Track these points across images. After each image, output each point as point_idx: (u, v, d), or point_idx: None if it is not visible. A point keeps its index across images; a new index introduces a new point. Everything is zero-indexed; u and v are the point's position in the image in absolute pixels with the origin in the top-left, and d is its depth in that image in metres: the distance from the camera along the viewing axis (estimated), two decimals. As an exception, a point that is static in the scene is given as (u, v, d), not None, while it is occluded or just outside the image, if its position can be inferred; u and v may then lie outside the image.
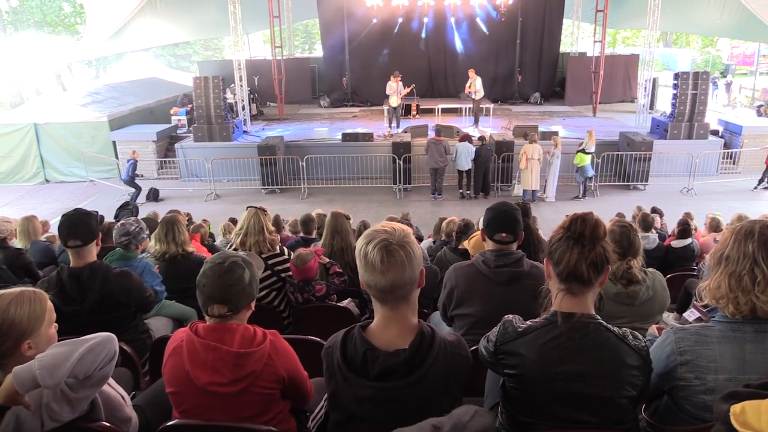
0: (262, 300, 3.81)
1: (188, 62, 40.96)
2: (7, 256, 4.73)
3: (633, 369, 1.80)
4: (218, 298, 2.04)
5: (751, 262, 1.80)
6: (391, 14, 20.21)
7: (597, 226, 1.81)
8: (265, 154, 13.76)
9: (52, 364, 1.74)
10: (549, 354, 1.82)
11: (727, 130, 15.70)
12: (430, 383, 1.71)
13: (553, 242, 1.87)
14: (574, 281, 1.81)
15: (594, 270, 1.79)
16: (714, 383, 1.80)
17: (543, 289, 2.01)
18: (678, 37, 42.66)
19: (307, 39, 45.17)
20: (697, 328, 1.91)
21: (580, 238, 1.79)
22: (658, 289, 2.80)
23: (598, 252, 1.78)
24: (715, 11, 17.16)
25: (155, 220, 5.94)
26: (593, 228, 1.80)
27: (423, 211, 12.34)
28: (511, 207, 2.88)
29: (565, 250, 1.81)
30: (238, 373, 1.98)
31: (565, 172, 13.43)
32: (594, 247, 1.78)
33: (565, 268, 1.81)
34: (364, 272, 1.70)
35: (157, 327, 3.67)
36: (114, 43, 17.76)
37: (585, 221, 1.81)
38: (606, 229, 1.83)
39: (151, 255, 4.34)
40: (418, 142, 14.36)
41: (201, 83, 15.06)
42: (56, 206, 13.16)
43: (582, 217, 1.83)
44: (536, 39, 20.96)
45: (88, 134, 15.69)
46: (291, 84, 20.45)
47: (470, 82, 15.87)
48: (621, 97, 21.56)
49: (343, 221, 4.71)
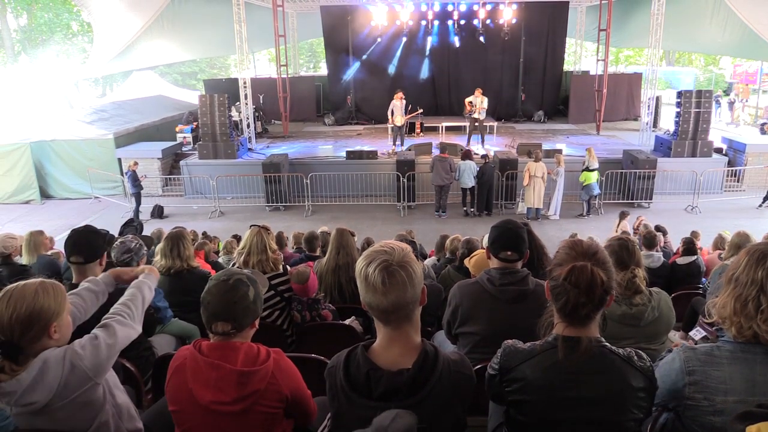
0: (265, 320, 3.78)
1: (194, 80, 41.34)
2: (12, 273, 4.74)
3: (639, 391, 1.79)
4: (222, 316, 2.03)
5: (758, 288, 1.78)
6: (395, 33, 20.45)
7: (593, 276, 1.77)
8: (270, 172, 13.80)
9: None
10: (554, 379, 1.80)
11: (731, 147, 15.71)
12: (434, 403, 1.69)
13: (553, 279, 1.85)
14: (575, 318, 1.82)
15: (595, 310, 1.80)
16: (723, 405, 1.78)
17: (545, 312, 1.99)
18: (680, 56, 42.89)
19: (312, 57, 45.66)
20: (707, 349, 1.88)
21: (576, 287, 1.78)
22: (663, 309, 2.77)
23: (597, 295, 1.77)
24: (717, 30, 17.25)
25: (152, 237, 5.94)
26: (589, 281, 1.77)
27: (427, 229, 12.31)
28: (516, 225, 2.87)
29: (563, 293, 1.81)
30: (241, 391, 1.97)
31: (570, 189, 13.42)
32: (592, 295, 1.77)
33: (563, 307, 1.82)
34: (365, 293, 1.69)
35: (160, 344, 3.66)
36: (121, 61, 17.94)
37: (582, 273, 1.78)
38: (603, 279, 1.78)
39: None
40: (423, 159, 14.40)
41: (206, 101, 15.19)
42: (61, 223, 13.18)
43: (579, 269, 1.79)
44: (540, 58, 21.08)
45: (94, 151, 15.78)
46: (296, 102, 20.64)
47: (477, 101, 15.76)
48: (624, 115, 21.63)
49: (348, 237, 4.71)
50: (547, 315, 1.96)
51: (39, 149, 15.40)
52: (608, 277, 1.80)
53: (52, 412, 1.96)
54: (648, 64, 17.36)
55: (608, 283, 1.79)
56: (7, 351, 1.90)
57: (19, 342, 1.92)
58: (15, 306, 1.93)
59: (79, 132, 16.17)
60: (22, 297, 1.95)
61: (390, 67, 21.22)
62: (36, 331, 1.96)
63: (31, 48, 32.88)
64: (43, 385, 1.92)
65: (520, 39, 20.35)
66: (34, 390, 1.91)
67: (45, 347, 1.98)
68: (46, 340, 1.99)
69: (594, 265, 1.79)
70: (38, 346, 1.97)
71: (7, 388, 1.88)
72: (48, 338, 1.99)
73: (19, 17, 33.65)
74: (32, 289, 1.98)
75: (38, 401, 1.92)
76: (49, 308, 1.99)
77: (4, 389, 1.88)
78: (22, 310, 1.92)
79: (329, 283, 4.52)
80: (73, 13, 32.90)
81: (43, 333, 1.98)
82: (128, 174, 13.27)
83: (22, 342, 1.93)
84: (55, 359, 1.96)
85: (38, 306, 1.96)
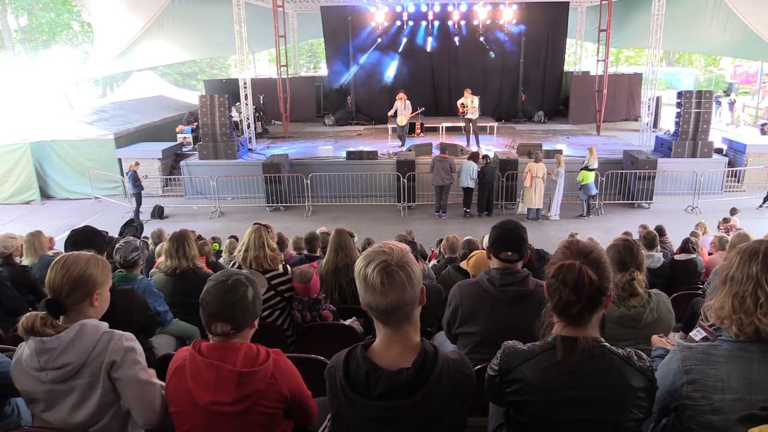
0: (266, 320, 3.77)
1: (194, 81, 41.34)
2: (12, 273, 4.74)
3: (639, 391, 1.79)
4: (221, 316, 2.03)
5: (754, 283, 1.79)
6: (395, 33, 20.47)
7: (581, 274, 1.78)
8: (270, 172, 13.82)
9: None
10: (553, 379, 1.81)
11: (731, 148, 15.71)
12: (433, 402, 1.70)
13: (548, 276, 1.87)
14: (567, 317, 1.82)
15: (588, 310, 1.80)
16: (721, 403, 1.78)
17: (543, 313, 2.00)
18: (681, 56, 42.89)
19: (312, 58, 45.65)
20: (704, 347, 1.88)
21: (564, 285, 1.78)
22: (662, 310, 2.77)
23: (585, 294, 1.77)
24: (717, 30, 17.25)
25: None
26: (576, 279, 1.78)
27: (427, 229, 12.32)
28: (517, 225, 2.87)
29: (555, 291, 1.82)
30: (241, 392, 1.97)
31: (570, 190, 13.42)
32: (580, 294, 1.77)
33: (556, 306, 1.83)
34: (364, 294, 1.70)
35: (160, 345, 3.66)
36: (121, 61, 17.96)
37: (570, 271, 1.79)
38: (593, 277, 1.78)
39: (161, 271, 4.34)
40: (423, 160, 14.41)
41: (207, 101, 15.20)
42: (61, 223, 13.19)
43: (567, 267, 1.80)
44: (540, 58, 21.09)
45: (94, 152, 15.79)
46: (296, 102, 20.63)
47: (468, 101, 15.74)
48: (624, 115, 21.62)
49: (347, 238, 4.71)
50: (546, 315, 1.96)
51: (39, 149, 15.41)
52: (600, 277, 1.80)
53: (79, 387, 2.13)
54: (648, 65, 17.35)
55: (600, 283, 1.79)
56: (53, 308, 2.15)
57: (64, 301, 2.17)
58: (68, 269, 2.19)
59: (79, 132, 16.18)
60: (75, 263, 2.23)
61: (390, 67, 21.21)
62: (81, 294, 2.21)
63: (32, 48, 32.89)
64: (80, 347, 2.11)
65: (520, 39, 20.36)
66: (71, 351, 2.10)
67: (85, 314, 2.23)
68: (87, 307, 2.24)
69: (585, 264, 1.80)
70: (80, 310, 2.22)
71: (49, 344, 2.09)
72: (89, 305, 2.24)
73: (19, 17, 33.66)
74: (85, 258, 2.27)
75: (72, 363, 2.10)
76: (96, 277, 2.25)
77: (46, 345, 2.09)
78: (74, 273, 2.19)
79: (330, 285, 4.52)
80: (74, 14, 32.93)
81: (86, 298, 2.23)
82: (129, 174, 13.29)
83: (67, 302, 2.18)
84: (92, 327, 2.17)
85: (88, 272, 2.22)
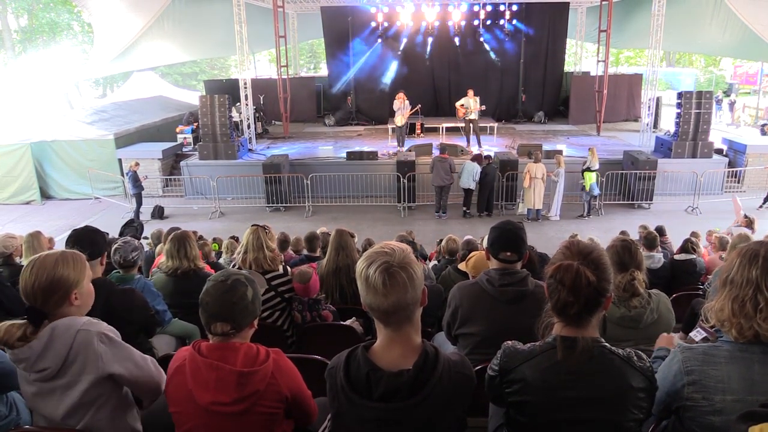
0: (266, 320, 3.77)
1: (194, 81, 41.32)
2: (12, 274, 4.74)
3: (639, 391, 1.79)
4: (221, 316, 2.03)
5: (754, 288, 1.78)
6: (395, 34, 20.47)
7: (578, 274, 1.78)
8: (270, 173, 13.82)
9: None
10: (553, 379, 1.80)
11: (731, 148, 15.70)
12: (434, 404, 1.69)
13: (547, 276, 1.87)
14: (566, 317, 1.82)
15: (586, 311, 1.80)
16: (722, 404, 1.78)
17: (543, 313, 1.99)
18: (681, 57, 42.89)
19: (313, 58, 45.65)
20: (705, 348, 1.88)
21: (562, 285, 1.78)
22: (662, 311, 2.77)
23: (583, 295, 1.77)
24: (717, 31, 17.26)
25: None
26: (573, 279, 1.78)
27: (427, 230, 12.32)
28: (516, 226, 2.87)
29: (554, 291, 1.82)
30: (241, 392, 1.97)
31: (570, 190, 13.42)
32: (578, 294, 1.77)
33: (555, 306, 1.83)
34: (366, 295, 1.70)
35: (160, 345, 3.65)
36: (121, 62, 17.95)
37: (567, 272, 1.79)
38: (590, 278, 1.78)
39: (162, 271, 4.34)
40: (423, 160, 14.41)
41: (207, 102, 15.20)
42: (61, 223, 13.19)
43: (565, 267, 1.80)
44: (540, 58, 21.06)
45: (94, 152, 15.79)
46: (296, 103, 20.62)
47: (470, 102, 15.75)
48: (624, 116, 21.60)
49: (348, 238, 4.70)
50: (546, 315, 1.96)
51: (39, 150, 15.41)
52: (599, 278, 1.79)
53: (61, 387, 2.10)
54: (648, 65, 17.35)
55: (598, 284, 1.79)
56: (32, 316, 2.09)
57: (42, 308, 2.10)
58: (37, 275, 2.10)
59: (79, 132, 16.19)
60: (43, 267, 2.12)
61: (390, 67, 21.20)
62: (57, 297, 2.12)
63: (32, 48, 32.88)
64: (53, 352, 2.06)
65: (520, 40, 20.35)
66: (46, 357, 2.06)
67: (67, 314, 2.15)
68: (68, 307, 2.16)
69: (584, 265, 1.79)
70: (61, 313, 2.14)
71: (21, 355, 2.05)
72: (69, 305, 2.16)
73: (19, 17, 33.66)
74: (53, 260, 2.15)
75: (50, 367, 2.06)
76: (69, 277, 2.15)
77: (18, 356, 2.06)
78: (43, 279, 2.10)
79: (330, 286, 4.52)
80: (74, 14, 32.93)
81: (65, 300, 2.14)
82: (129, 174, 13.29)
83: (45, 308, 2.11)
84: (64, 327, 2.10)
85: (58, 275, 2.12)
